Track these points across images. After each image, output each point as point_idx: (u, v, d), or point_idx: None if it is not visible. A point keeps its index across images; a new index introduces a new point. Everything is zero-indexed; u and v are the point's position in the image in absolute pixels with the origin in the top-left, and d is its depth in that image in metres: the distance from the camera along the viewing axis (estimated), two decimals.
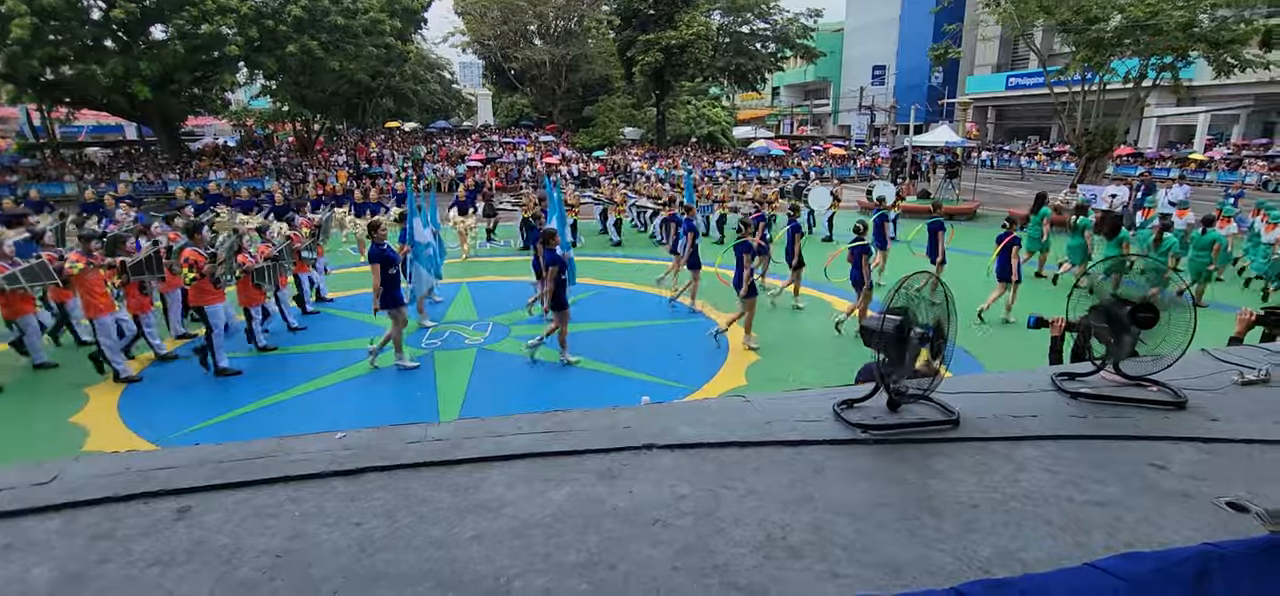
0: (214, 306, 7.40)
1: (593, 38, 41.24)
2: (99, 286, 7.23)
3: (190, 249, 7.40)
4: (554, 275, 7.33)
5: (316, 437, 2.43)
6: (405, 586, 1.65)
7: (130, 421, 6.45)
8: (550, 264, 7.36)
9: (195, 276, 7.26)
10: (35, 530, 1.94)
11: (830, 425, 2.44)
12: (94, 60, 23.46)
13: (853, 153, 41.29)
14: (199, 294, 7.36)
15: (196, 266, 7.25)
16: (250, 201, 17.35)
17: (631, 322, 9.55)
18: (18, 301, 7.39)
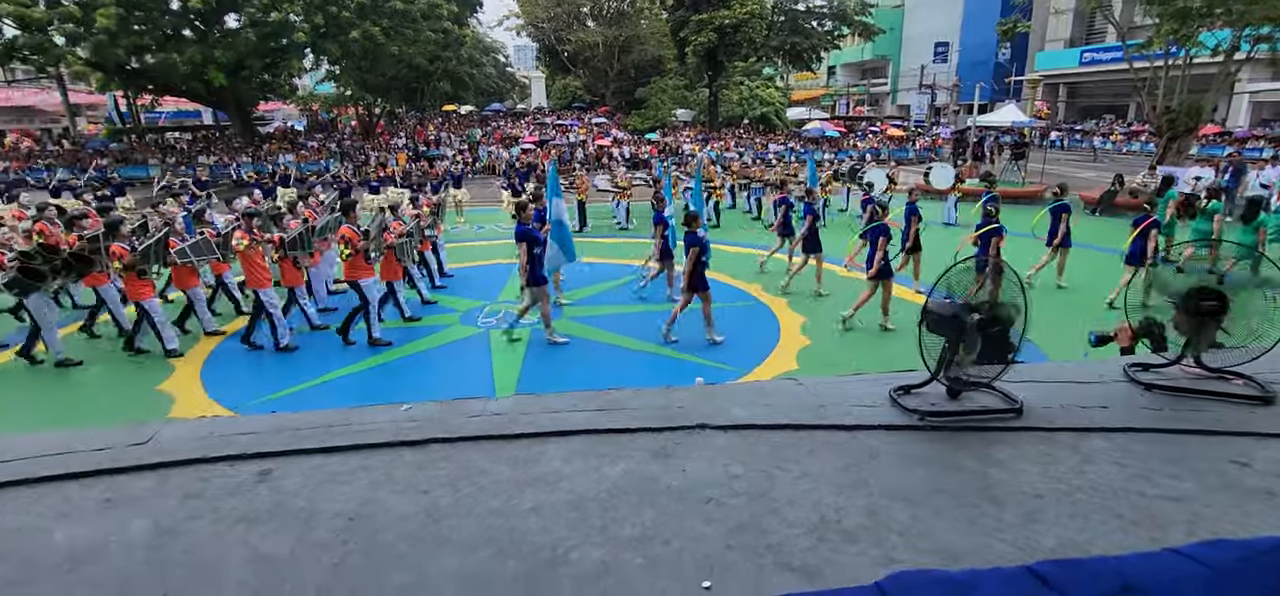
0: (367, 281, 7.78)
1: (645, 18, 41.04)
2: (259, 260, 7.73)
3: (346, 226, 7.78)
4: (696, 257, 7.45)
5: (384, 409, 2.55)
6: (468, 553, 1.73)
7: (211, 389, 6.86)
8: (692, 245, 7.45)
9: (351, 252, 7.62)
10: (134, 486, 2.11)
11: (886, 410, 2.41)
12: (174, 49, 24.77)
13: (911, 134, 39.94)
14: (353, 269, 7.73)
15: (351, 243, 7.62)
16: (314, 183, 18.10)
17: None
18: (186, 274, 8.00)
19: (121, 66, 25.65)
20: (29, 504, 2.05)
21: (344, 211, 8.16)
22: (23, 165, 27.63)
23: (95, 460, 2.18)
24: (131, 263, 7.38)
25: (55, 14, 23.05)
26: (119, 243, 7.48)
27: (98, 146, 31.97)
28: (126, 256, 7.38)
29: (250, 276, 7.76)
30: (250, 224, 7.88)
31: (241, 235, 7.69)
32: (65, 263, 7.52)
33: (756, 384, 2.93)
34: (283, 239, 7.97)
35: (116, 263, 7.40)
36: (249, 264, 7.71)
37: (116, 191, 18.09)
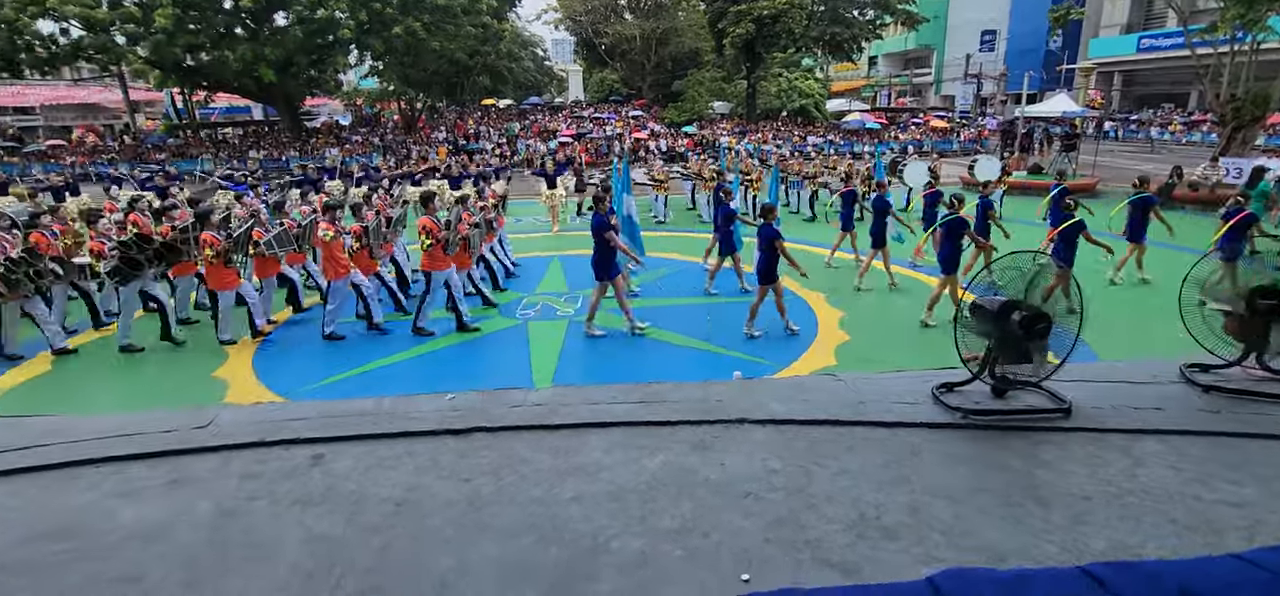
0: (442, 271, 7.97)
1: (683, 10, 40.81)
2: (340, 252, 7.95)
3: (425, 217, 7.94)
4: (777, 248, 7.50)
5: (429, 398, 2.63)
6: (510, 539, 1.78)
7: (263, 376, 7.12)
8: (771, 237, 7.49)
9: (431, 243, 7.81)
10: (197, 467, 2.22)
11: (928, 407, 2.38)
12: (226, 46, 25.65)
13: (956, 125, 38.89)
14: (430, 260, 7.92)
15: (432, 234, 7.80)
16: (355, 176, 18.57)
17: (720, 298, 9.52)
18: (269, 264, 8.35)
19: (178, 64, 26.68)
20: (96, 482, 2.17)
21: (423, 202, 8.29)
22: (87, 159, 28.99)
23: (161, 442, 2.30)
24: (222, 251, 7.65)
25: (117, 14, 24.12)
26: (210, 232, 7.74)
27: (156, 141, 33.35)
28: (218, 245, 7.63)
29: (329, 267, 7.98)
30: (333, 215, 8.10)
31: (326, 226, 7.90)
32: (158, 252, 7.86)
33: (795, 379, 2.92)
34: (363, 229, 8.19)
35: (208, 251, 7.65)
36: (330, 254, 7.92)
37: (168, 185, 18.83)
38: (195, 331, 8.54)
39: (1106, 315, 8.13)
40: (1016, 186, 17.15)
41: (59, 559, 1.76)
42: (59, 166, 27.17)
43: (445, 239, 7.95)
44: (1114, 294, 9.16)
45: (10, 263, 7.22)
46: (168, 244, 7.98)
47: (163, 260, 8.05)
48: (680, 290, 9.91)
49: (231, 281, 7.85)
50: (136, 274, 7.63)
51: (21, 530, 1.90)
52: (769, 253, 7.59)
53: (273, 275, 8.57)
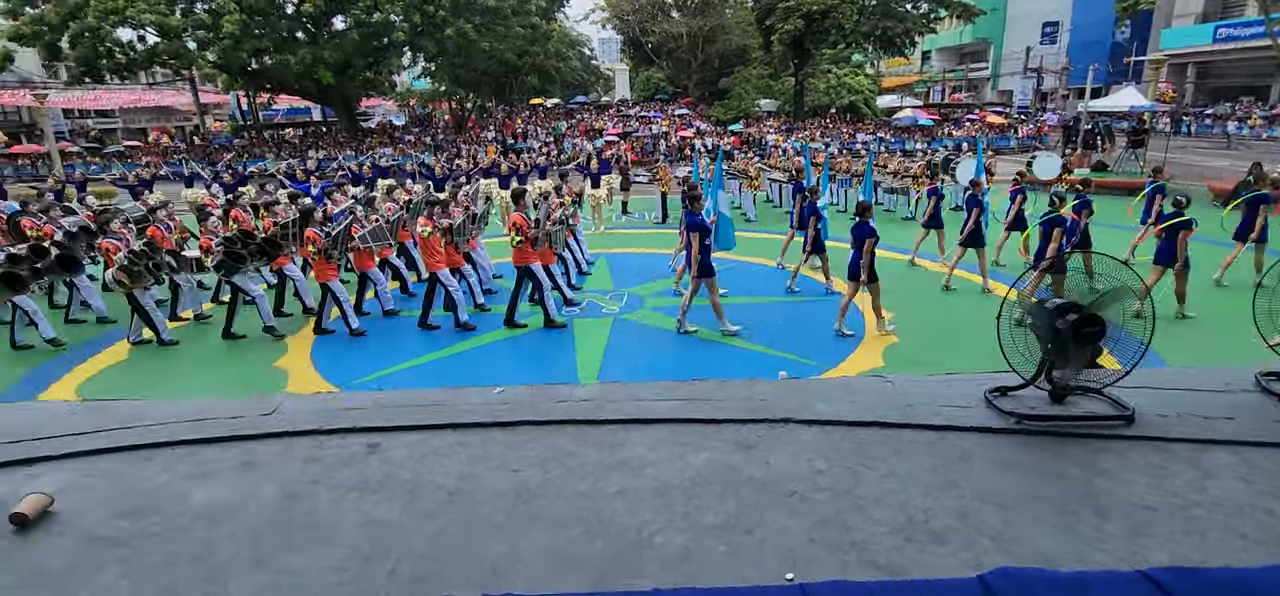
0: (530, 266, 8.16)
1: (730, 7, 40.50)
2: (438, 245, 8.25)
3: (516, 214, 8.14)
4: (871, 247, 7.46)
5: (478, 391, 2.70)
6: (558, 530, 1.82)
7: (320, 367, 7.40)
8: (866, 236, 7.45)
9: (521, 240, 8.01)
10: (263, 451, 2.34)
11: (980, 412, 2.33)
12: (288, 51, 26.76)
13: (1014, 121, 37.52)
14: (522, 255, 8.10)
15: (522, 230, 8.00)
16: (409, 173, 19.07)
17: (764, 298, 9.44)
18: (365, 258, 8.67)
19: (243, 68, 27.97)
20: (171, 463, 2.31)
21: (515, 200, 8.46)
22: (160, 160, 30.59)
23: (230, 427, 2.43)
24: (324, 247, 7.96)
25: (189, 21, 25.43)
26: (313, 228, 8.07)
27: (223, 142, 34.96)
28: (320, 241, 7.96)
29: (429, 259, 8.26)
30: (432, 211, 8.34)
31: (425, 222, 8.17)
32: (259, 246, 8.27)
33: (842, 380, 2.89)
34: (450, 226, 8.40)
35: (310, 247, 7.99)
36: (428, 248, 8.20)
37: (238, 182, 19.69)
38: (254, 324, 8.93)
39: (1179, 320, 7.74)
40: (1075, 184, 16.44)
41: (139, 535, 1.88)
42: (134, 166, 28.78)
43: (535, 235, 8.09)
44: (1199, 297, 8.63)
45: (133, 255, 7.69)
46: (269, 239, 8.35)
47: (264, 255, 8.42)
48: (729, 288, 9.86)
49: (333, 274, 8.13)
50: (239, 267, 8.01)
51: (106, 508, 2.04)
52: (862, 250, 7.51)
53: (369, 269, 8.83)
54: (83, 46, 24.96)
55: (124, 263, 7.65)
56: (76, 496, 2.08)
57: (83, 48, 25.02)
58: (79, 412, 2.79)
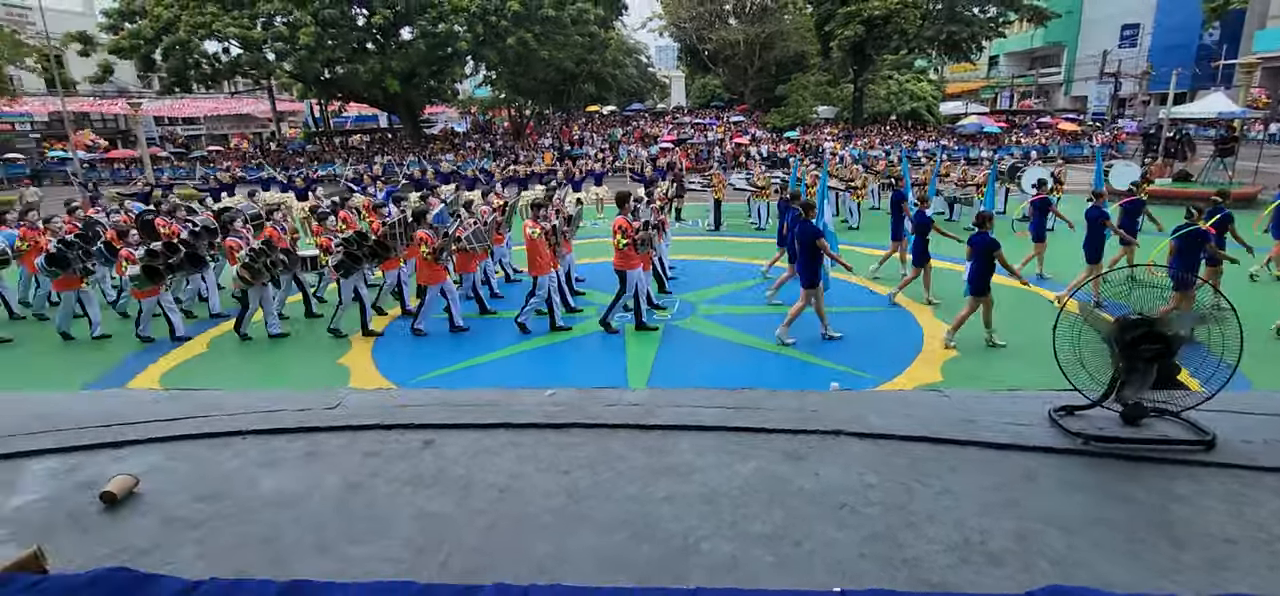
0: (634, 270, 8.20)
1: (789, 13, 40.07)
2: (544, 248, 8.33)
3: (620, 217, 8.16)
4: (990, 257, 7.37)
5: (530, 392, 2.75)
6: (605, 533, 1.84)
7: (380, 366, 7.67)
8: (987, 247, 7.35)
9: (626, 242, 8.07)
10: (327, 444, 2.44)
11: (1044, 430, 2.23)
12: (359, 60, 27.99)
13: (1088, 128, 35.75)
14: (624, 259, 8.13)
15: (627, 233, 8.05)
16: (470, 180, 19.61)
17: None
18: (472, 259, 8.99)
19: (317, 77, 29.39)
20: (243, 451, 2.44)
21: (619, 203, 8.42)
22: (239, 164, 32.36)
23: (297, 418, 2.55)
24: (439, 248, 8.17)
25: (269, 34, 26.89)
26: (425, 230, 8.26)
27: (296, 148, 36.73)
28: (433, 242, 8.15)
29: (533, 263, 8.32)
30: (537, 214, 8.45)
31: (533, 224, 8.24)
32: (371, 248, 8.55)
33: (897, 393, 2.82)
34: (555, 227, 8.54)
35: (423, 248, 8.16)
36: (534, 251, 8.25)
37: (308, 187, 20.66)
38: (320, 322, 9.32)
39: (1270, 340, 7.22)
40: (1158, 194, 15.57)
41: (215, 517, 2.00)
42: (216, 169, 30.56)
43: (640, 238, 8.12)
44: None
45: (253, 253, 8.12)
46: (381, 241, 8.62)
47: (376, 256, 8.70)
48: (781, 298, 9.74)
49: (440, 276, 8.33)
50: (356, 268, 8.33)
51: (185, 490, 2.17)
52: (985, 262, 7.31)
53: (474, 270, 9.01)
54: (174, 58, 26.75)
55: (246, 260, 8.04)
56: (159, 478, 2.22)
57: (174, 59, 26.81)
58: (162, 400, 2.98)
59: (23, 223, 9.98)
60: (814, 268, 7.65)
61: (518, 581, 1.62)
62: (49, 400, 3.13)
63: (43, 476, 2.26)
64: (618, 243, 8.03)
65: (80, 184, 24.46)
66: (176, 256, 8.51)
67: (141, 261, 8.10)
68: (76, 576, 1.30)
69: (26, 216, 10.26)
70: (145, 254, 8.20)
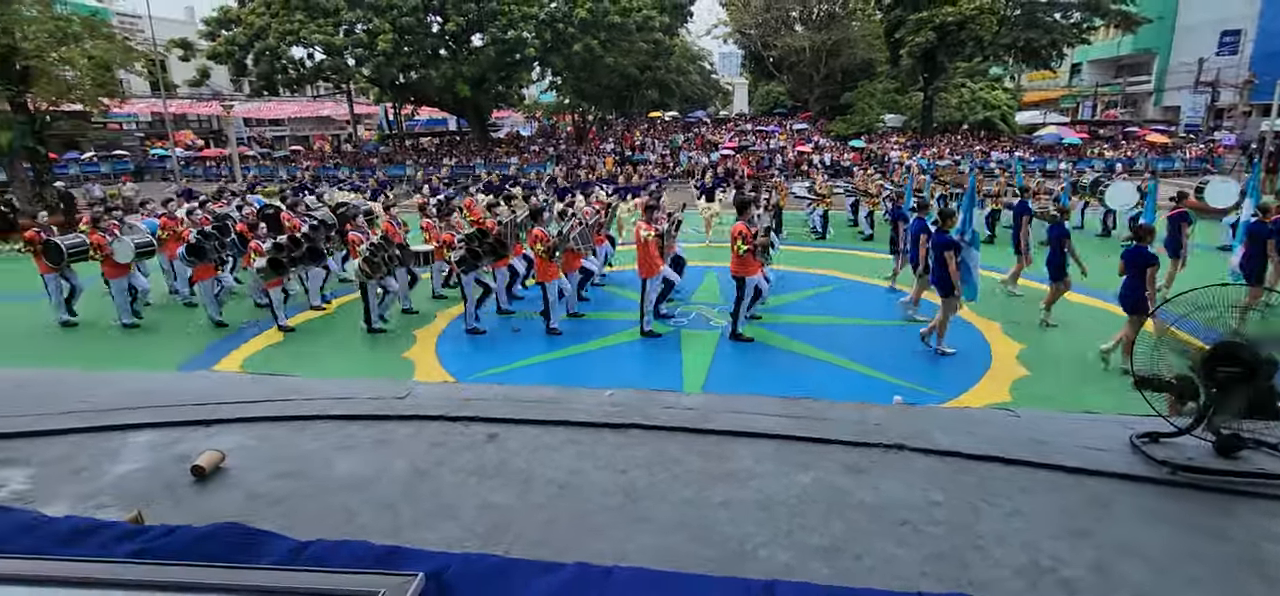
0: (754, 276, 8.19)
1: (857, 20, 39.27)
2: (655, 251, 8.34)
3: (740, 223, 8.09)
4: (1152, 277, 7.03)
5: (590, 392, 2.80)
6: (661, 534, 1.86)
7: (443, 361, 7.93)
8: (1144, 263, 7.04)
9: (747, 248, 7.93)
10: (397, 432, 2.55)
11: (1125, 457, 2.12)
12: (432, 66, 29.08)
13: (1180, 140, 33.57)
14: (742, 265, 8.00)
15: (747, 240, 7.97)
16: (532, 183, 20.02)
17: (879, 321, 9.05)
18: (575, 258, 9.16)
19: (393, 81, 30.68)
20: (322, 434, 2.57)
21: (740, 210, 8.33)
22: (318, 163, 34.03)
23: (370, 406, 2.67)
24: (553, 246, 8.37)
25: (350, 41, 28.26)
26: (540, 228, 8.51)
27: (370, 149, 38.39)
28: (548, 240, 8.37)
29: (644, 265, 8.36)
30: (650, 217, 8.54)
31: (647, 227, 8.32)
32: (489, 246, 8.80)
33: (963, 410, 2.73)
34: (658, 233, 8.55)
35: (538, 246, 8.38)
36: (646, 253, 8.30)
37: (381, 188, 21.54)
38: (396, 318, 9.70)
39: None
40: None
41: (294, 495, 2.12)
42: (297, 168, 32.25)
43: (759, 245, 8.09)
44: None
45: (374, 247, 8.54)
46: (499, 238, 8.82)
47: (494, 253, 8.90)
48: (841, 309, 9.55)
49: (554, 273, 8.49)
50: (477, 263, 8.62)
51: (268, 468, 2.31)
52: (1139, 278, 6.95)
53: (577, 269, 9.16)
54: (264, 63, 28.44)
55: (367, 253, 8.43)
56: (244, 456, 2.37)
57: (263, 64, 28.50)
58: (247, 383, 3.17)
59: (164, 212, 10.70)
60: (950, 276, 7.34)
61: None
62: (149, 378, 3.37)
63: (142, 448, 2.44)
64: (737, 248, 7.87)
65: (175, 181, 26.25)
66: (299, 250, 8.94)
67: (268, 253, 8.58)
68: (198, 528, 1.42)
69: (168, 206, 11.01)
70: (272, 247, 8.68)
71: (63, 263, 8.96)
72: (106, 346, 8.75)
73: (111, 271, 8.97)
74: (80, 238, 9.35)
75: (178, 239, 9.81)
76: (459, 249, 8.48)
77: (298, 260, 8.98)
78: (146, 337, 9.00)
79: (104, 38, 19.63)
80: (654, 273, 8.31)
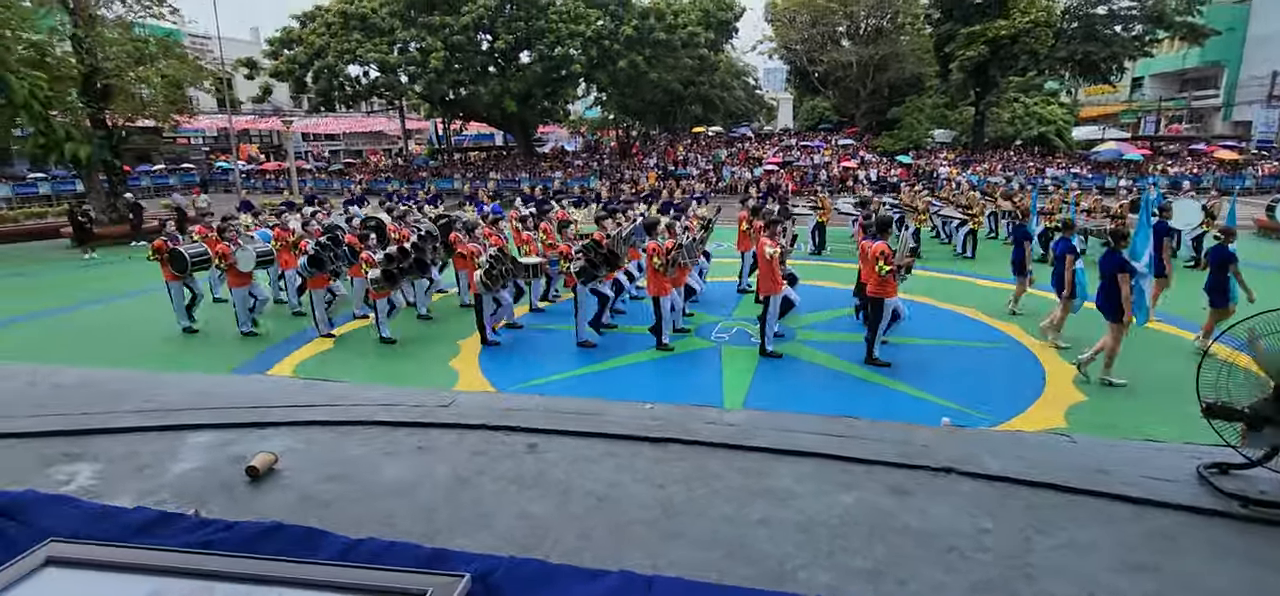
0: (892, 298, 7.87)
1: (906, 35, 38.67)
2: (779, 268, 8.14)
3: (882, 242, 7.84)
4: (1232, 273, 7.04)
5: (629, 405, 2.80)
6: (699, 550, 1.84)
7: (486, 371, 8.05)
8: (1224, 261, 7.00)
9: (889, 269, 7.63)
10: (440, 439, 2.60)
11: (1191, 488, 2.01)
12: (481, 83, 29.83)
13: (1251, 156, 31.90)
14: (883, 286, 7.72)
15: (888, 259, 7.68)
16: (579, 198, 20.22)
17: (929, 340, 8.81)
18: (681, 272, 8.97)
19: (443, 98, 31.57)
20: (367, 440, 2.64)
21: (880, 229, 8.06)
22: (371, 177, 35.15)
23: (414, 413, 2.73)
24: (671, 260, 8.30)
25: (403, 59, 29.23)
26: (656, 241, 8.46)
27: (421, 163, 39.49)
28: (665, 253, 8.27)
29: (766, 282, 8.16)
30: (774, 232, 8.32)
31: (772, 244, 8.09)
32: (604, 257, 8.80)
33: (1016, 434, 2.63)
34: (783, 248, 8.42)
35: (655, 259, 8.28)
36: (769, 271, 8.09)
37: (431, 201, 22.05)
38: (433, 327, 9.89)
39: None
40: None
41: (341, 498, 2.18)
42: (350, 182, 33.38)
43: (900, 264, 7.82)
44: None
45: (494, 258, 8.63)
46: (612, 250, 8.83)
47: (608, 264, 8.89)
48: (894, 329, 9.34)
49: (666, 288, 8.45)
50: (595, 274, 8.68)
51: (316, 471, 2.38)
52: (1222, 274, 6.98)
53: (683, 283, 9.11)
54: (322, 81, 29.65)
55: (486, 265, 8.54)
56: (295, 458, 2.45)
57: (322, 81, 29.72)
58: (299, 388, 3.28)
59: (277, 223, 11.12)
60: (1119, 301, 6.95)
61: None
62: (207, 380, 3.51)
63: (200, 448, 2.55)
64: (881, 269, 7.60)
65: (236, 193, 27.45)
66: (408, 260, 9.09)
67: (381, 264, 8.80)
68: (259, 523, 1.48)
69: (281, 217, 11.40)
70: (384, 258, 8.86)
71: (187, 271, 9.42)
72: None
73: (235, 280, 9.32)
74: (202, 247, 9.81)
75: (290, 248, 10.17)
76: (578, 259, 8.47)
77: (406, 271, 9.16)
78: (206, 342, 9.40)
79: (177, 58, 20.75)
80: (776, 290, 8.08)
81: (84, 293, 12.60)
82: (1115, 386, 7.04)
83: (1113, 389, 7.00)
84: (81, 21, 18.03)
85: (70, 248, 18.06)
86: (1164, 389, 6.94)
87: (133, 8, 19.65)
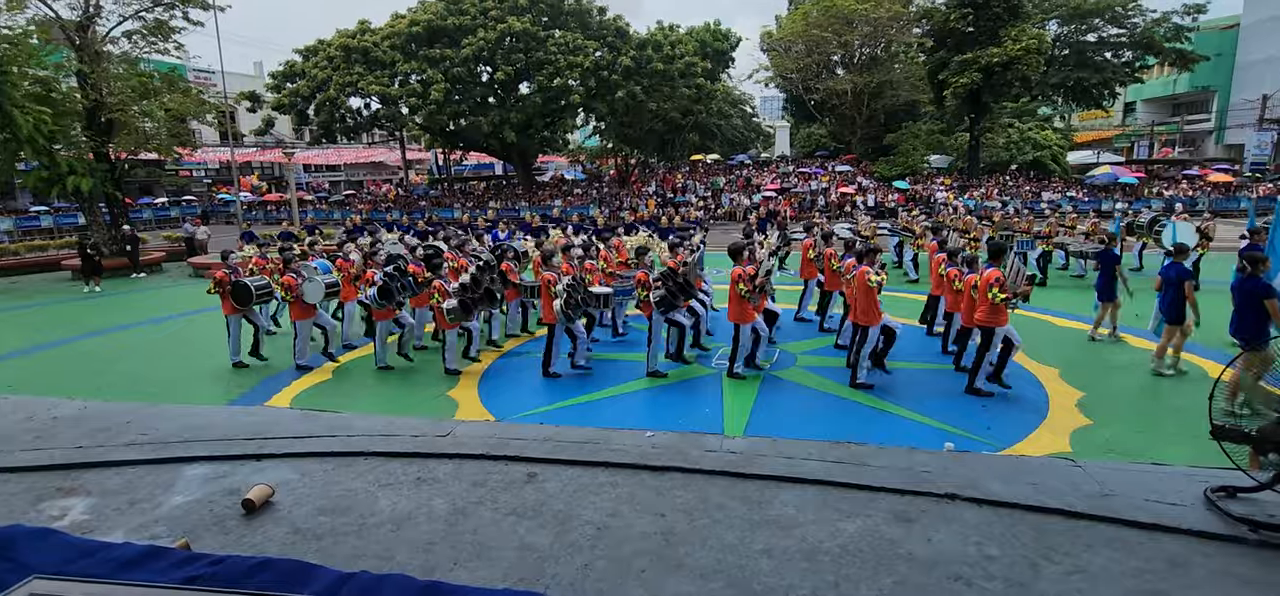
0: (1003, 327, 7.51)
1: (899, 63, 39.20)
2: (876, 297, 7.73)
3: (995, 269, 7.53)
4: (1271, 308, 6.57)
5: (630, 434, 2.78)
6: (702, 580, 1.81)
7: (484, 400, 8.00)
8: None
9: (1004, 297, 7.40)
10: (438, 470, 2.57)
11: (1199, 513, 1.98)
12: (481, 113, 30.18)
13: (1244, 179, 32.14)
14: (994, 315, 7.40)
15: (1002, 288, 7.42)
16: (578, 225, 20.28)
17: (929, 365, 8.78)
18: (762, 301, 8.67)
19: (443, 128, 31.91)
20: (364, 471, 2.61)
21: (993, 256, 7.67)
22: (370, 208, 35.31)
23: (412, 444, 2.71)
24: (758, 286, 8.12)
25: (404, 91, 29.61)
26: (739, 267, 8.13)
27: (421, 193, 39.72)
28: (749, 282, 8.01)
29: (866, 313, 7.78)
30: (872, 259, 8.02)
31: (873, 274, 7.75)
32: (680, 286, 8.57)
33: (1020, 458, 2.61)
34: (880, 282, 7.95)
35: (740, 286, 8.01)
36: (868, 300, 7.76)
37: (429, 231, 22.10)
38: (434, 359, 9.84)
39: None
40: None
41: (336, 532, 2.15)
42: (350, 212, 33.54)
43: (1017, 292, 7.49)
44: None
45: (570, 287, 8.44)
46: (686, 279, 8.63)
47: (685, 293, 8.68)
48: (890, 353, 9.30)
49: (751, 315, 8.21)
50: (676, 303, 8.48)
51: (312, 504, 2.35)
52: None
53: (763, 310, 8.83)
54: (324, 113, 30.01)
55: (562, 293, 8.40)
56: (291, 490, 2.42)
57: (324, 114, 30.08)
58: (297, 419, 3.25)
59: (339, 255, 10.76)
60: (1261, 326, 6.59)
61: None
62: (205, 412, 3.49)
63: (196, 481, 2.52)
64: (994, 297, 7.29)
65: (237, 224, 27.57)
66: (479, 290, 8.94)
67: (455, 294, 8.66)
68: (250, 558, 1.45)
69: (343, 248, 11.09)
70: (458, 288, 8.71)
71: (250, 302, 9.33)
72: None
73: (298, 313, 9.19)
74: (265, 280, 9.70)
75: (351, 281, 10.08)
76: (657, 287, 8.32)
77: (479, 302, 9.07)
78: (202, 374, 9.35)
79: (181, 92, 20.98)
80: (875, 321, 7.72)
81: (85, 324, 12.59)
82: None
83: (1117, 412, 6.96)
84: (87, 58, 18.26)
85: (72, 280, 18.07)
86: (1169, 412, 6.90)
87: (138, 44, 19.91)
